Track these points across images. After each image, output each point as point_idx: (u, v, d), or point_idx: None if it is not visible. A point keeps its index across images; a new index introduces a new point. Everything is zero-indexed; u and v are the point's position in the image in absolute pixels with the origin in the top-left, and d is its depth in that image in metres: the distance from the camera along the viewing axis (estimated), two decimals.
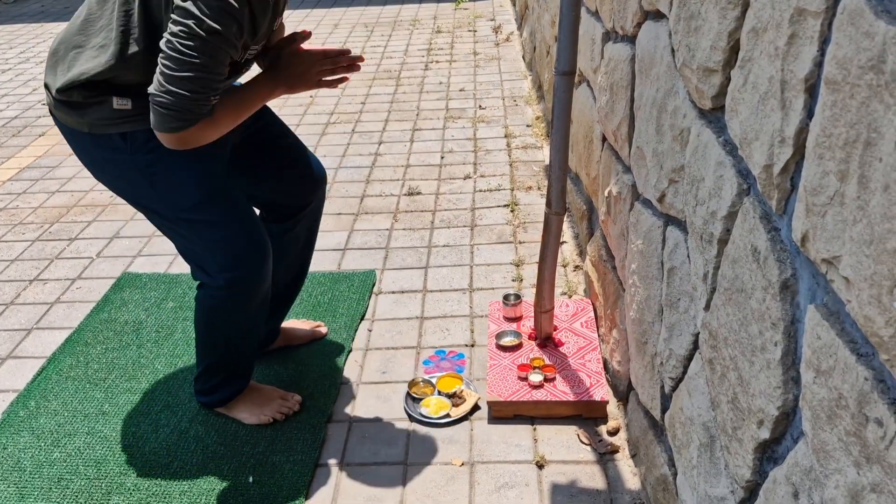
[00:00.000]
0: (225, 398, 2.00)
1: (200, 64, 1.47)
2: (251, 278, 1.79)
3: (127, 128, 1.65)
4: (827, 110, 0.78)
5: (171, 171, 1.69)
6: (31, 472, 1.90)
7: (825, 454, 0.82)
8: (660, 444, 1.63)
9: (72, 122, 1.69)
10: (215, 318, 1.87)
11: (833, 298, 0.82)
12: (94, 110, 1.64)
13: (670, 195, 1.45)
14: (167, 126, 1.52)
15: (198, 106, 1.51)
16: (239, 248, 1.76)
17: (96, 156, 1.73)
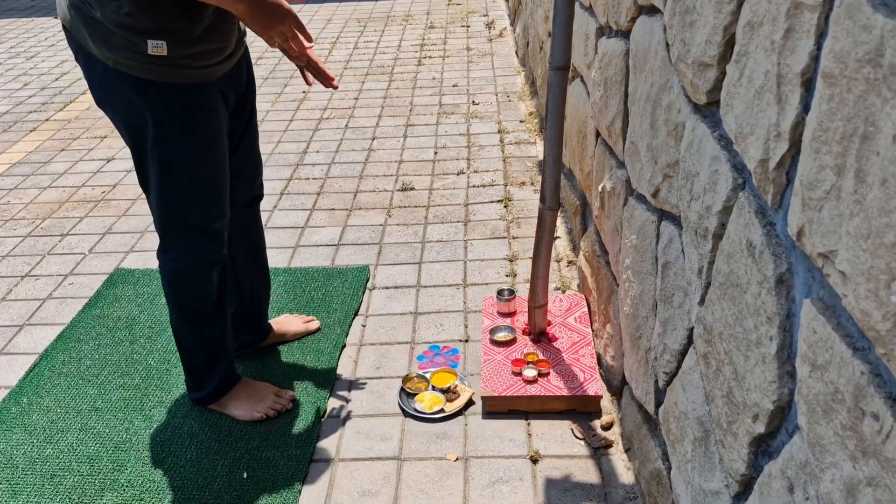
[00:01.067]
0: (213, 391, 1.99)
1: None
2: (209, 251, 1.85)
3: (155, 76, 1.63)
4: (824, 104, 0.78)
5: (194, 122, 1.70)
6: (24, 469, 1.89)
7: (821, 448, 0.82)
8: (654, 439, 1.64)
9: (97, 51, 1.62)
10: (181, 283, 1.88)
11: (829, 293, 0.82)
12: (127, 48, 1.59)
13: (664, 190, 1.45)
14: None
15: None
16: (212, 209, 1.81)
17: (115, 88, 1.66)
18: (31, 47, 5.90)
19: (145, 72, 1.62)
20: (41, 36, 6.23)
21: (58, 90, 4.86)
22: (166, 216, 1.80)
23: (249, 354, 2.22)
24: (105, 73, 1.65)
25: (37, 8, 7.33)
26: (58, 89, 4.87)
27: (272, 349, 2.25)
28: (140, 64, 1.61)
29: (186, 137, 1.71)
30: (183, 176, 1.74)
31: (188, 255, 1.84)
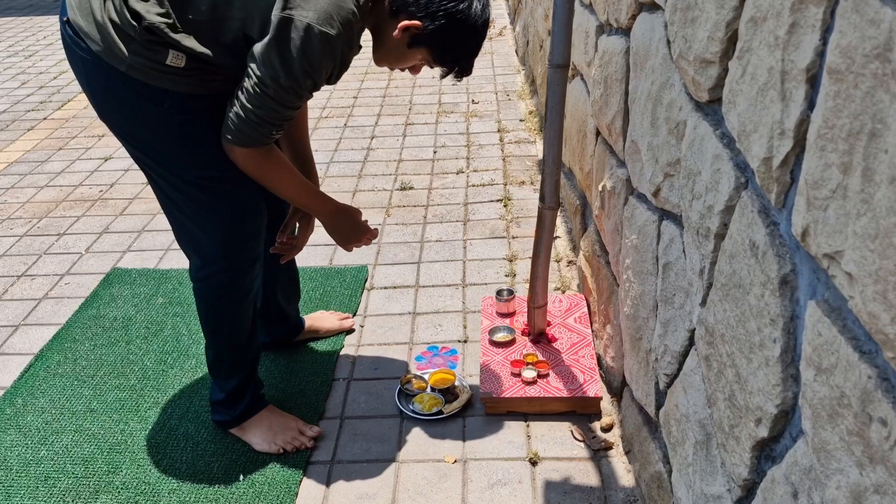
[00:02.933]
0: (239, 416, 1.91)
1: (272, 109, 1.55)
2: (248, 256, 1.77)
3: (169, 85, 1.57)
4: (829, 101, 0.76)
5: (210, 131, 1.62)
6: (18, 471, 1.87)
7: (826, 454, 0.80)
8: (654, 441, 1.61)
9: (107, 54, 1.53)
10: (218, 302, 1.81)
11: (834, 294, 0.80)
12: (144, 54, 1.52)
13: (665, 189, 1.43)
14: (226, 137, 1.60)
15: (258, 134, 1.58)
16: (241, 224, 1.73)
17: (123, 97, 1.59)
18: (30, 46, 5.88)
19: (161, 80, 1.56)
20: (39, 35, 6.21)
21: (56, 89, 4.84)
22: (194, 236, 1.75)
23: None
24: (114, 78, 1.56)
25: (35, 7, 7.31)
26: (56, 88, 4.85)
27: (270, 350, 2.22)
28: (153, 71, 1.54)
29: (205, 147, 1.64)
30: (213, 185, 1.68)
31: (226, 270, 1.76)
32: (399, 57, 1.69)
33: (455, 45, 1.65)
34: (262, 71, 1.51)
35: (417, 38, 1.62)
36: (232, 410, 1.90)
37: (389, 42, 1.64)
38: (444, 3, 1.59)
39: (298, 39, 1.48)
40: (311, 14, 1.48)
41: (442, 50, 1.65)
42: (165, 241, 2.92)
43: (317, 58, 1.52)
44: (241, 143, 1.59)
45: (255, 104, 1.54)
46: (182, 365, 2.22)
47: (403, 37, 1.62)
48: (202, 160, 1.65)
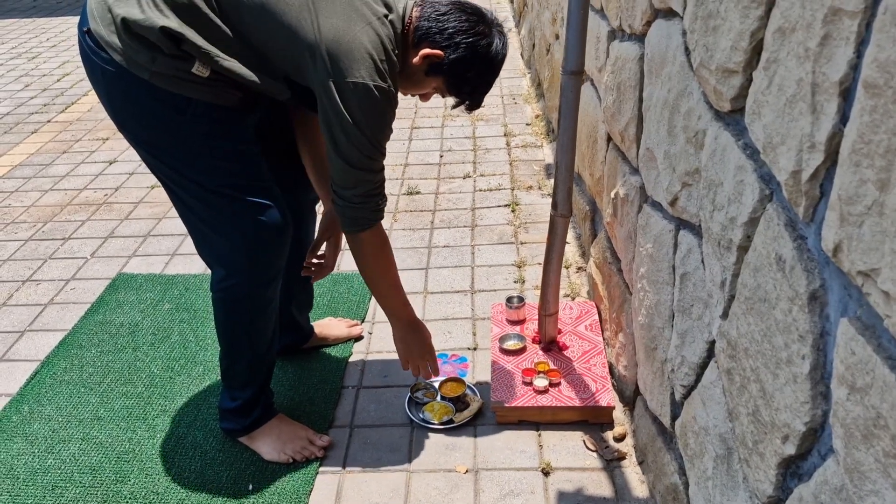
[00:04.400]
0: (249, 425, 1.89)
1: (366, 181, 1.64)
2: (271, 267, 1.73)
3: (193, 93, 1.55)
4: (866, 115, 0.74)
5: (232, 141, 1.63)
6: (25, 480, 1.85)
7: (860, 475, 0.78)
8: (669, 452, 1.60)
9: (130, 63, 1.51)
10: (238, 313, 1.78)
11: (868, 312, 0.78)
12: (168, 62, 1.51)
13: (683, 199, 1.41)
14: (348, 231, 1.71)
15: (369, 210, 1.68)
16: (265, 233, 1.68)
17: (145, 106, 1.57)
18: (33, 48, 5.87)
19: (184, 88, 1.54)
20: (43, 37, 6.20)
21: (60, 91, 4.82)
22: (216, 246, 1.72)
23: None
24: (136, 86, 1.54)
25: (39, 8, 7.31)
26: (60, 90, 4.84)
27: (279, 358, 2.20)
28: (177, 80, 1.53)
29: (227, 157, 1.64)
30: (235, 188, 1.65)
31: (249, 282, 1.73)
32: (415, 83, 1.71)
33: (472, 78, 1.69)
34: (339, 149, 1.58)
35: (436, 66, 1.66)
36: (243, 420, 1.88)
37: (409, 68, 1.67)
38: (468, 35, 1.64)
39: (362, 101, 1.54)
40: (363, 72, 1.52)
41: (459, 81, 1.69)
42: (172, 245, 2.90)
43: (383, 112, 1.58)
44: (363, 227, 1.69)
45: (350, 184, 1.63)
46: (190, 372, 2.20)
47: (423, 64, 1.65)
48: (224, 170, 1.64)
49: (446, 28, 1.63)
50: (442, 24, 1.63)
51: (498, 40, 1.68)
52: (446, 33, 1.63)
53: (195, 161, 1.62)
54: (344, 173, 1.62)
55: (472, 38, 1.64)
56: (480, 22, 1.67)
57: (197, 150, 1.61)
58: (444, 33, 1.63)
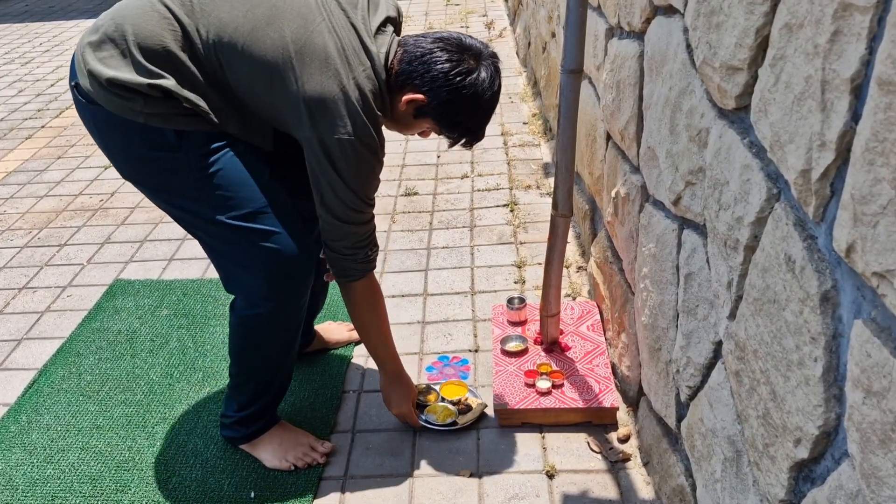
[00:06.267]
0: (252, 433, 1.87)
1: (354, 234, 1.64)
2: (296, 285, 1.68)
3: (185, 125, 1.55)
4: (880, 113, 0.72)
5: (230, 174, 1.60)
6: (24, 491, 1.83)
7: (877, 480, 0.77)
8: (675, 454, 1.58)
9: (122, 110, 1.52)
10: (257, 343, 1.74)
11: (883, 313, 0.76)
12: (160, 102, 1.52)
13: (687, 198, 1.39)
14: (341, 283, 1.72)
15: (359, 262, 1.68)
16: (290, 253, 1.62)
17: (141, 151, 1.57)
18: (26, 53, 5.84)
19: (175, 122, 1.55)
20: (36, 42, 6.16)
21: (53, 96, 4.79)
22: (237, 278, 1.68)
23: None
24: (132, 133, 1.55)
25: (31, 13, 7.27)
26: (53, 95, 4.81)
27: None
28: (172, 115, 1.54)
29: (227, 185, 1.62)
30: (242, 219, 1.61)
31: (271, 312, 1.68)
32: (406, 125, 1.70)
33: (462, 119, 1.65)
34: (326, 203, 1.59)
35: (423, 110, 1.63)
36: (245, 429, 1.86)
37: (396, 113, 1.65)
38: (448, 78, 1.58)
39: (348, 157, 1.54)
40: (348, 129, 1.52)
41: (449, 123, 1.65)
42: (168, 251, 2.88)
43: (370, 166, 1.58)
44: (355, 278, 1.70)
45: (337, 237, 1.63)
46: (189, 378, 2.18)
47: (409, 108, 1.63)
48: (227, 200, 1.60)
49: (427, 71, 1.58)
50: (423, 68, 1.58)
51: (485, 74, 1.60)
52: (427, 77, 1.58)
53: (198, 195, 1.61)
54: (331, 227, 1.62)
55: (456, 78, 1.57)
56: (465, 59, 1.59)
57: (197, 185, 1.59)
58: (426, 77, 1.58)
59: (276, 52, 1.51)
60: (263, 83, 1.53)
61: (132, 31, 1.50)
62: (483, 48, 1.64)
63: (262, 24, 1.51)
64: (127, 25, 1.51)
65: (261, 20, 1.52)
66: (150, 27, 1.50)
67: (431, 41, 1.61)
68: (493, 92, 1.63)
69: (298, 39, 1.51)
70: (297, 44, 1.51)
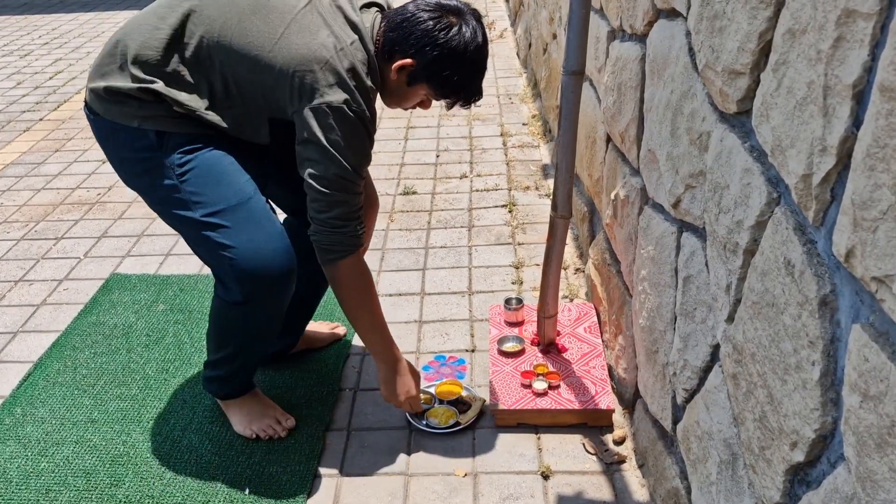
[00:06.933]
0: (228, 393, 1.93)
1: (345, 203, 1.62)
2: (270, 292, 1.68)
3: (176, 127, 1.62)
4: (882, 119, 0.73)
5: (205, 173, 1.64)
6: (18, 484, 1.83)
7: (873, 484, 0.77)
8: (670, 456, 1.59)
9: (118, 116, 1.62)
10: (229, 325, 1.79)
11: (882, 318, 0.77)
12: (154, 106, 1.60)
13: (687, 201, 1.40)
14: (326, 261, 1.67)
15: (347, 236, 1.65)
16: (260, 259, 1.64)
17: (128, 153, 1.67)
18: (25, 45, 5.83)
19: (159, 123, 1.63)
20: (35, 34, 6.15)
21: (52, 89, 4.79)
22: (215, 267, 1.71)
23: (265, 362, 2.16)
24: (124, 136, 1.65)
25: (31, 5, 7.25)
26: (52, 88, 4.80)
27: (276, 360, 2.18)
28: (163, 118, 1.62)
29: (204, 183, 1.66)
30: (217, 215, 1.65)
31: (243, 305, 1.70)
32: (402, 96, 1.72)
33: (452, 75, 1.66)
34: (315, 172, 1.58)
35: (414, 74, 1.65)
36: (216, 388, 1.93)
37: (390, 85, 1.68)
38: (430, 36, 1.61)
39: (338, 123, 1.55)
40: (336, 96, 1.54)
41: (440, 82, 1.67)
42: (165, 245, 2.88)
43: (359, 135, 1.58)
44: (342, 255, 1.66)
45: (325, 207, 1.61)
46: (185, 374, 2.18)
47: (401, 77, 1.66)
48: (197, 197, 1.64)
49: (411, 34, 1.61)
50: (406, 31, 1.62)
51: (467, 28, 1.63)
52: (411, 39, 1.62)
53: (173, 194, 1.65)
54: (320, 195, 1.60)
55: (439, 34, 1.60)
56: (445, 15, 1.63)
57: (174, 183, 1.64)
58: (409, 40, 1.62)
59: (263, 36, 1.57)
60: (255, 68, 1.58)
61: (131, 45, 1.61)
62: (463, 6, 1.68)
63: (248, 13, 1.60)
64: (127, 40, 1.62)
65: (246, 11, 1.60)
66: (145, 39, 1.60)
67: (412, 6, 1.65)
68: (478, 44, 1.66)
69: (284, 21, 1.58)
70: (284, 25, 1.58)
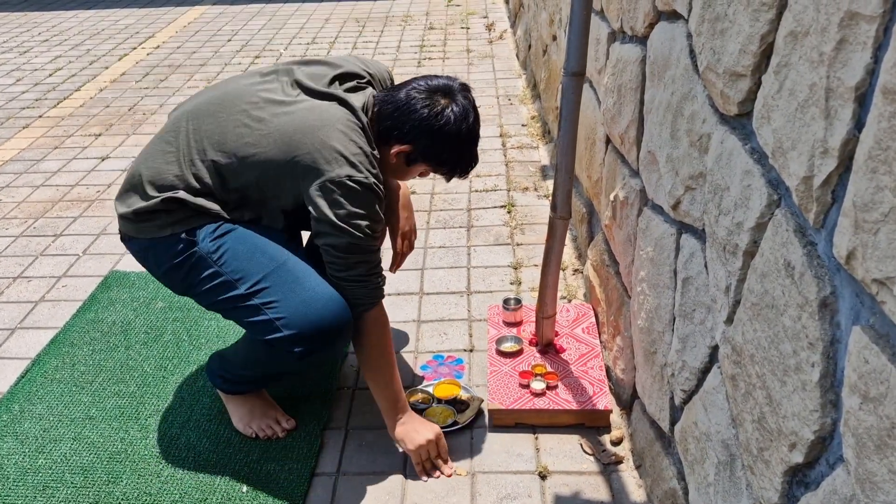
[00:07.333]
0: (233, 391, 1.93)
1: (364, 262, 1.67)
2: (324, 345, 1.68)
3: (210, 220, 1.70)
4: (884, 122, 0.73)
5: (239, 250, 1.69)
6: (15, 480, 1.82)
7: (872, 485, 0.77)
8: (668, 457, 1.59)
9: (151, 231, 1.71)
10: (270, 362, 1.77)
11: (882, 320, 0.77)
12: (175, 213, 1.69)
13: (686, 202, 1.40)
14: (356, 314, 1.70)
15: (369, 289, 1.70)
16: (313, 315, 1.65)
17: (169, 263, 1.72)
18: (25, 42, 5.82)
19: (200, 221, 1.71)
20: (35, 31, 6.15)
21: (51, 86, 4.78)
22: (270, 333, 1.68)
23: None
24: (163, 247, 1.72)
25: (31, 2, 7.25)
26: (51, 85, 4.80)
27: None
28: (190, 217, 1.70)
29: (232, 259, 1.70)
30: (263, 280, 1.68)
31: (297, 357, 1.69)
32: (403, 173, 1.82)
33: (449, 155, 1.75)
34: (331, 243, 1.63)
35: (411, 157, 1.74)
36: (224, 384, 1.93)
37: (389, 165, 1.76)
38: (425, 124, 1.69)
39: (345, 195, 1.60)
40: (338, 171, 1.60)
41: (439, 161, 1.76)
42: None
43: (365, 202, 1.62)
44: (365, 308, 1.70)
45: (345, 269, 1.66)
46: (183, 371, 2.18)
47: (399, 159, 1.74)
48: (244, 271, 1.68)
49: (406, 122, 1.70)
50: (401, 120, 1.70)
51: (457, 107, 1.71)
52: (406, 128, 1.70)
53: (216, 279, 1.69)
54: (337, 259, 1.65)
55: (434, 122, 1.69)
56: (436, 98, 1.70)
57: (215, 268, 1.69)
58: (405, 128, 1.70)
59: (257, 134, 1.67)
60: (259, 167, 1.67)
61: (146, 172, 1.72)
62: (451, 83, 1.75)
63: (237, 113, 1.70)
64: (142, 169, 1.74)
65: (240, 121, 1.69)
66: (157, 165, 1.72)
67: (403, 94, 1.72)
68: (468, 124, 1.74)
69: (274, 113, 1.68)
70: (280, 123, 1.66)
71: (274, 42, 5.56)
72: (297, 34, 5.74)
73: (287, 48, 5.39)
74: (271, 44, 5.52)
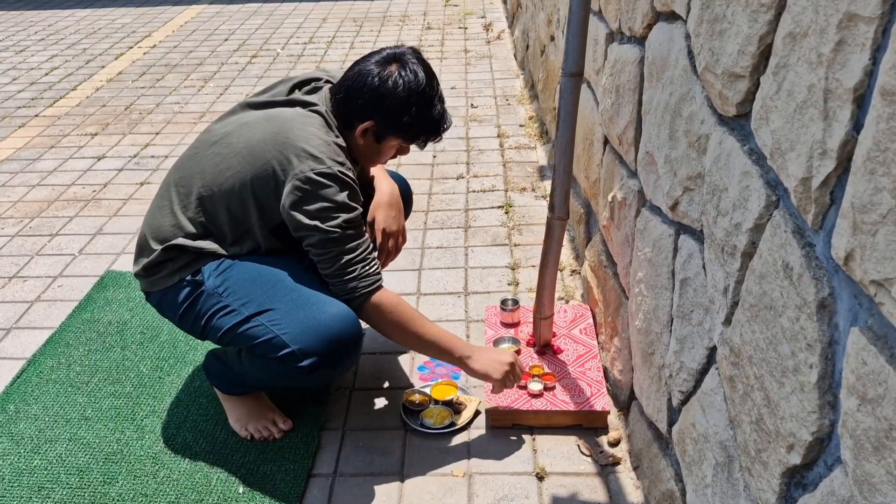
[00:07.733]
0: (234, 392, 1.93)
1: (351, 249, 1.67)
2: (333, 361, 1.68)
3: (198, 265, 1.73)
4: (882, 123, 0.73)
5: (241, 279, 1.71)
6: (10, 481, 1.82)
7: (870, 486, 0.77)
8: (665, 458, 1.59)
9: (162, 282, 1.76)
10: (276, 374, 1.74)
11: (880, 321, 0.77)
12: (178, 259, 1.74)
13: (684, 203, 1.40)
14: (356, 306, 1.70)
15: (365, 274, 1.70)
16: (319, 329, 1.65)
17: (181, 308, 1.75)
18: (21, 41, 5.81)
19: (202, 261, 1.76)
20: (31, 30, 6.13)
21: (47, 85, 4.77)
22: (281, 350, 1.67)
23: None
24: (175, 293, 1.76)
25: (27, 1, 7.23)
26: (47, 84, 4.79)
27: None
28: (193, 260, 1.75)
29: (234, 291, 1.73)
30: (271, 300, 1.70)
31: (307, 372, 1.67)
32: (377, 153, 1.80)
33: (412, 118, 1.72)
34: (310, 241, 1.65)
35: (378, 132, 1.73)
36: (222, 384, 1.92)
37: (361, 149, 1.76)
38: (378, 93, 1.69)
39: (311, 193, 1.62)
40: (301, 167, 1.62)
41: (405, 128, 1.74)
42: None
43: (334, 192, 1.63)
44: (364, 295, 1.70)
45: (331, 263, 1.67)
46: (179, 372, 2.17)
47: (367, 138, 1.74)
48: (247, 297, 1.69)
49: (358, 98, 1.69)
50: (355, 98, 1.70)
51: (408, 71, 1.70)
52: (361, 103, 1.70)
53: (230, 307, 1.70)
54: (320, 255, 1.67)
55: (385, 88, 1.68)
56: (385, 67, 1.69)
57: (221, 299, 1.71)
58: (360, 104, 1.70)
59: (233, 158, 1.71)
60: (240, 188, 1.70)
61: (148, 231, 1.79)
62: (399, 49, 1.75)
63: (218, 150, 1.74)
64: (144, 229, 1.81)
65: (215, 152, 1.74)
66: (155, 221, 1.78)
67: (352, 73, 1.72)
68: (421, 81, 1.71)
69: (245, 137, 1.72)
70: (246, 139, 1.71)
71: (271, 41, 5.55)
72: (295, 33, 5.73)
73: (284, 47, 5.38)
74: (268, 43, 5.51)
